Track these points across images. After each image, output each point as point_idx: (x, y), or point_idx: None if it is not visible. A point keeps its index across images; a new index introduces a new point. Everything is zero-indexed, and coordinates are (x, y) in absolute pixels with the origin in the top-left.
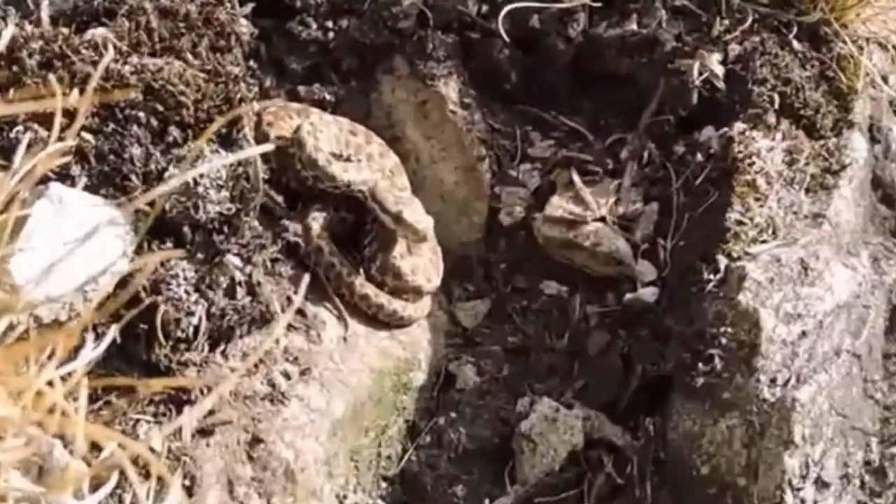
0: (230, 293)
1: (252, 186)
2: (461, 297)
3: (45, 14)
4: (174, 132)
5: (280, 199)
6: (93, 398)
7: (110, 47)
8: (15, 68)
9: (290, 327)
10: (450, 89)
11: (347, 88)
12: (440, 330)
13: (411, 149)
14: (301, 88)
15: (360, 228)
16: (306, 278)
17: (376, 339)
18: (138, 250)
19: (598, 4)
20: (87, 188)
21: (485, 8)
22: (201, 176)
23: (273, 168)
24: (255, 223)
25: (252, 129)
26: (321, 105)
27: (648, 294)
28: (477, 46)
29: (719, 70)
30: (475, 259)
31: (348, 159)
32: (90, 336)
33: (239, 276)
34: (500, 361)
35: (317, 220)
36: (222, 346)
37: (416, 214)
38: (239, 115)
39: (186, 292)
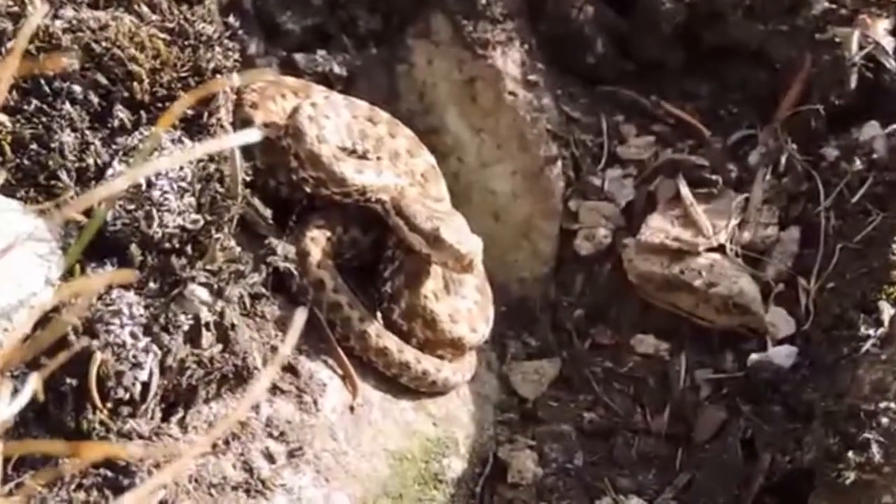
0: (193, 339)
1: (228, 191)
2: (519, 356)
3: None
4: (121, 113)
5: (267, 211)
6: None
7: None
8: None
9: (275, 389)
10: (509, 62)
11: (365, 58)
12: (488, 400)
13: (453, 145)
14: (300, 57)
15: (379, 254)
16: (299, 320)
17: (397, 411)
18: (67, 276)
19: None
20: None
21: None
22: (158, 175)
23: (258, 167)
24: (231, 242)
25: (230, 111)
26: (327, 81)
27: (782, 355)
28: (548, 2)
29: (888, 43)
30: (539, 300)
31: (364, 156)
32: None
33: (206, 316)
34: (571, 446)
35: (317, 241)
36: (180, 413)
37: (460, 234)
38: (212, 92)
39: (133, 335)
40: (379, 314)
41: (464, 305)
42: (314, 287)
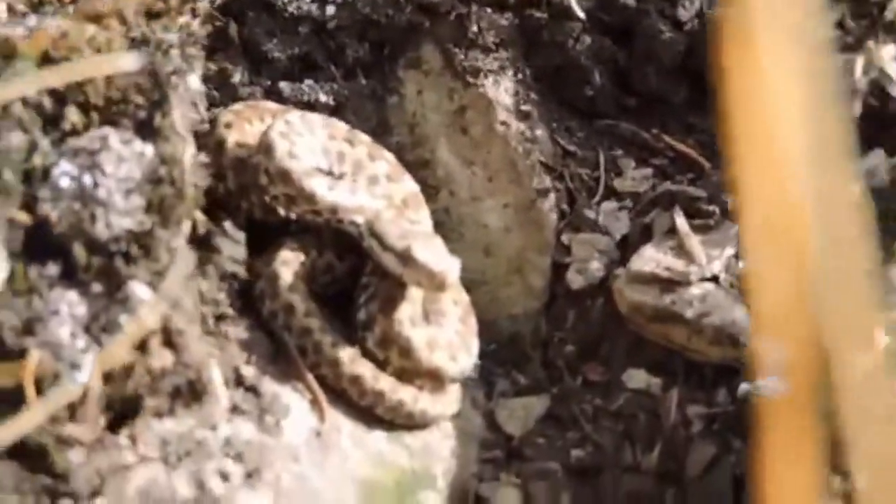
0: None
1: (177, 193)
2: (506, 392)
3: None
4: (73, 116)
5: (240, 234)
6: None
7: (1, 7)
8: None
9: (234, 409)
10: (501, 92)
11: (353, 87)
12: (471, 436)
13: (444, 178)
14: (285, 85)
15: (356, 281)
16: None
17: (370, 440)
18: (11, 276)
19: None
20: None
21: None
22: (105, 175)
23: (230, 188)
24: (180, 243)
25: (186, 116)
26: (312, 110)
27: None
28: (544, 31)
29: (894, 70)
30: (530, 337)
31: (340, 178)
32: None
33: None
34: (558, 485)
35: (289, 264)
36: (128, 427)
37: (433, 252)
38: (165, 94)
39: (72, 335)
40: (354, 341)
41: (443, 334)
42: (284, 311)
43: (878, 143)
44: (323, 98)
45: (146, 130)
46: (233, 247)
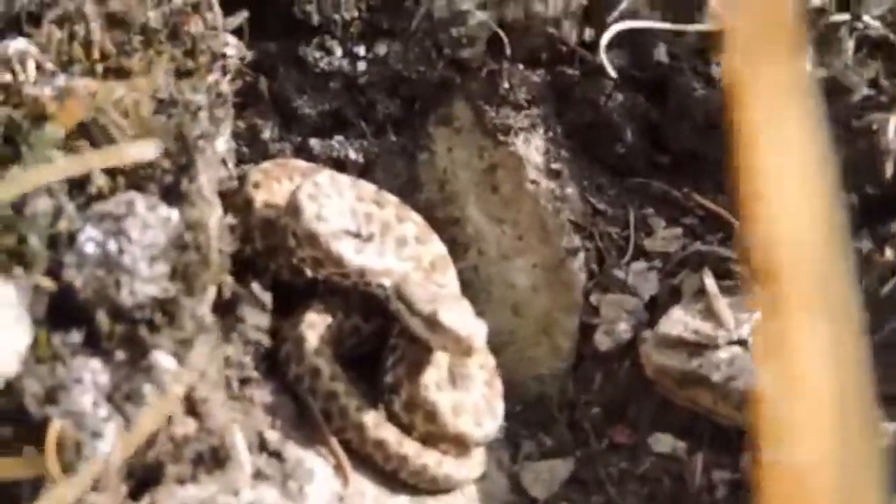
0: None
1: (203, 260)
2: (532, 455)
3: None
4: (99, 180)
5: (266, 295)
6: None
7: (30, 64)
8: None
9: (258, 474)
10: (532, 150)
11: (383, 144)
12: (496, 499)
13: (473, 235)
14: (315, 142)
15: (383, 344)
16: (287, 406)
17: None
18: (34, 343)
19: None
20: None
21: (588, 32)
22: (129, 241)
23: (258, 249)
24: (204, 310)
25: (214, 180)
26: (343, 167)
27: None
28: (576, 88)
29: None
30: (556, 398)
31: (368, 240)
32: None
33: (172, 385)
34: None
35: (315, 327)
36: (150, 494)
37: (460, 317)
38: (192, 159)
39: (94, 404)
40: (380, 405)
41: (469, 399)
42: (310, 375)
43: None
44: (353, 155)
45: (172, 195)
46: (258, 315)
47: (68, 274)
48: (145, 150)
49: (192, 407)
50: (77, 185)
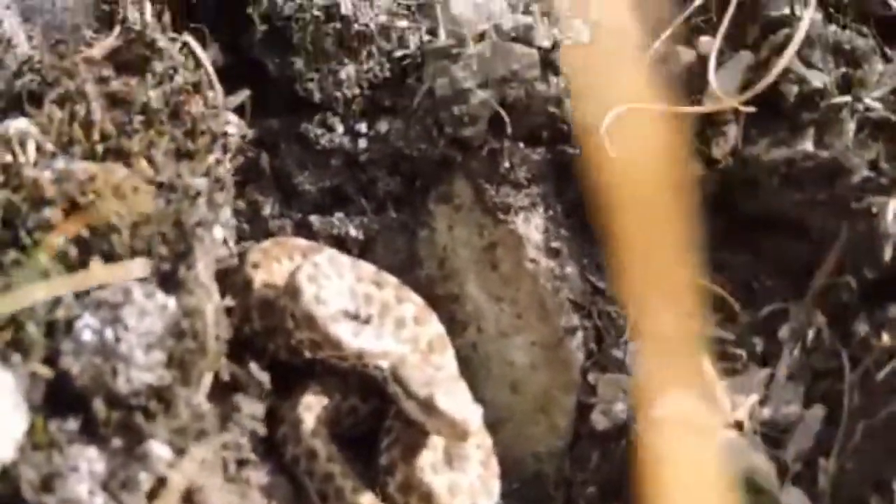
0: (155, 498)
1: (200, 348)
2: None
3: None
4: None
5: (264, 375)
6: None
7: (30, 145)
8: None
9: None
10: (532, 228)
11: (383, 221)
12: None
13: (472, 313)
14: (315, 219)
15: (380, 424)
16: (283, 487)
17: None
18: (31, 430)
19: (755, 110)
20: None
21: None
22: (126, 329)
23: (256, 330)
24: (199, 399)
25: (210, 266)
26: (343, 244)
27: None
28: (576, 166)
29: None
30: (553, 477)
31: (366, 321)
32: None
33: (168, 474)
34: None
35: (312, 408)
36: None
37: (455, 401)
38: (190, 247)
39: (90, 492)
40: (376, 487)
41: (465, 480)
42: (306, 456)
43: None
44: (353, 232)
45: (170, 282)
46: (254, 403)
47: (65, 361)
48: (135, 269)
49: (188, 495)
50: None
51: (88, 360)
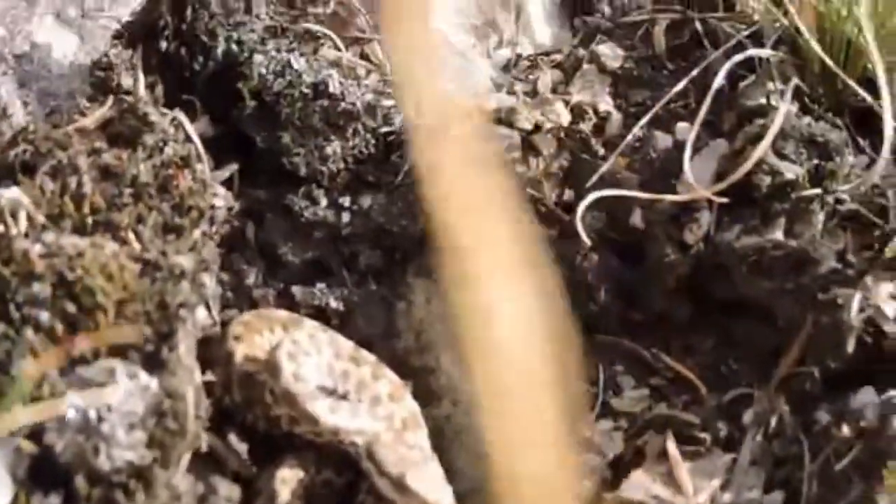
0: None
1: (180, 428)
2: None
3: None
4: (83, 343)
5: (242, 446)
6: None
7: (21, 216)
8: None
9: None
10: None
11: (364, 293)
12: None
13: (447, 386)
14: (297, 289)
15: (353, 499)
16: None
17: None
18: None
19: (727, 201)
20: None
21: (567, 194)
22: (109, 408)
23: (236, 401)
24: (177, 479)
25: (192, 348)
26: (323, 315)
27: None
28: (552, 248)
29: (890, 309)
30: None
31: (344, 397)
32: None
33: None
34: None
35: (287, 482)
36: None
37: (426, 481)
38: (173, 328)
39: None
40: None
41: None
42: None
43: (869, 381)
44: (334, 303)
45: (152, 362)
46: (230, 487)
47: (49, 438)
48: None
49: None
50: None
51: (72, 437)
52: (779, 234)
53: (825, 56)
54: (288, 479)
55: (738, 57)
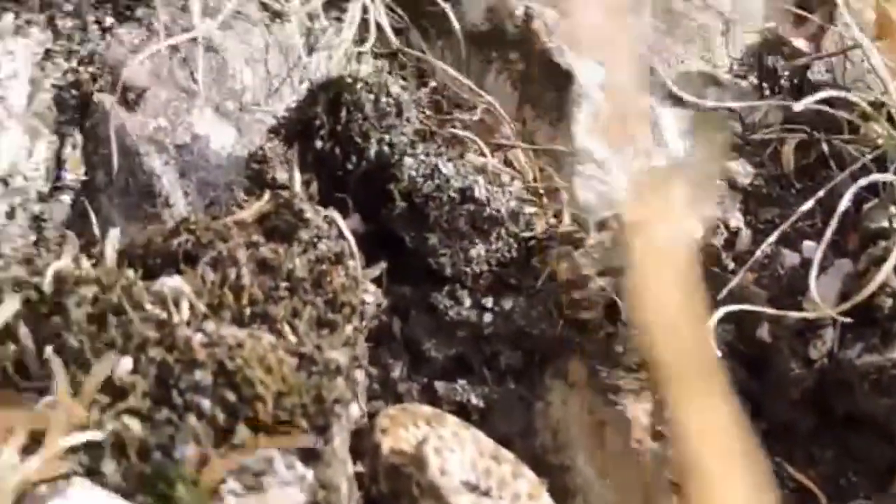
0: None
1: None
2: None
3: (110, 248)
4: (242, 432)
5: None
6: None
7: (184, 305)
8: (57, 319)
9: None
10: (640, 411)
11: (503, 392)
12: None
13: (581, 485)
14: (440, 385)
15: None
16: None
17: None
18: None
19: (850, 321)
20: (119, 490)
21: None
22: (266, 497)
23: (383, 493)
24: None
25: (346, 441)
26: (464, 411)
27: None
28: None
29: None
30: None
31: (486, 494)
32: None
33: None
34: None
35: None
36: None
37: None
38: (329, 423)
39: None
40: None
41: None
42: None
43: None
44: (474, 400)
45: (308, 454)
46: None
47: None
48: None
49: None
50: (221, 433)
51: None
52: None
53: None
54: None
55: (864, 181)
